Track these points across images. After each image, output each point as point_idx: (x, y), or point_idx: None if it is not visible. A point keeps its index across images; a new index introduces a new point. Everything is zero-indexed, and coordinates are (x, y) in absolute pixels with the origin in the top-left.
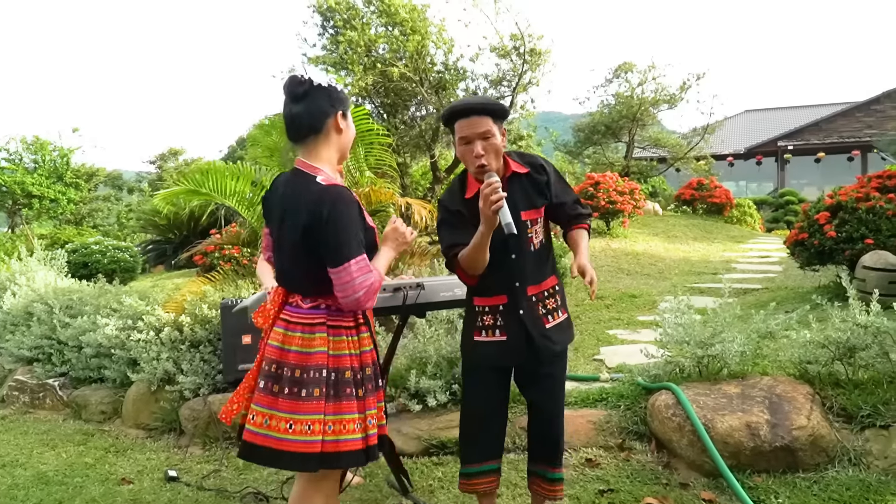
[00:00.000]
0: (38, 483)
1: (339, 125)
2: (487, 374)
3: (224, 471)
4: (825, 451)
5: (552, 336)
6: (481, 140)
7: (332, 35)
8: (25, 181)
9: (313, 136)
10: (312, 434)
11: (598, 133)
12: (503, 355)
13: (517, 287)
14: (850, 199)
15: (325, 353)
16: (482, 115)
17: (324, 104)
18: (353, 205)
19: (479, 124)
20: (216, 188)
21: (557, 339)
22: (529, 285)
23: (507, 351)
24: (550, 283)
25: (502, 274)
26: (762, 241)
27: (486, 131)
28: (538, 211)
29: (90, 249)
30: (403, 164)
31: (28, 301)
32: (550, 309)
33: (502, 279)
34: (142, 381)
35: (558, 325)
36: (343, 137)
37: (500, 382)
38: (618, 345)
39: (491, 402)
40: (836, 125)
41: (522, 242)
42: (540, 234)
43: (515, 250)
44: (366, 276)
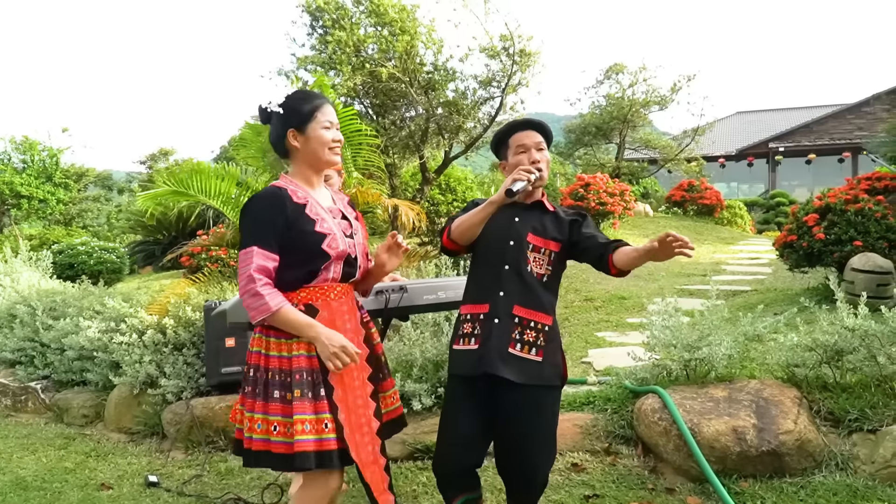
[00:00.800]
0: (16, 488)
1: (293, 143)
2: (461, 385)
3: (206, 476)
4: (812, 455)
5: (510, 362)
6: (537, 150)
7: (321, 35)
8: (14, 181)
9: (285, 155)
10: (248, 430)
11: (588, 134)
12: (472, 363)
13: (501, 297)
14: (838, 202)
15: (259, 352)
16: (538, 130)
17: (278, 128)
18: (268, 201)
19: (536, 136)
20: (202, 189)
21: (513, 370)
22: (517, 304)
23: (475, 359)
24: (540, 318)
25: (491, 283)
26: (752, 243)
27: (540, 142)
28: (546, 242)
29: (76, 250)
30: (392, 165)
31: (11, 303)
32: (526, 340)
33: (490, 286)
34: (124, 385)
35: (522, 359)
36: (303, 150)
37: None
38: (606, 347)
39: (463, 418)
40: (827, 127)
41: (519, 259)
42: (541, 266)
43: (510, 262)
44: (245, 268)
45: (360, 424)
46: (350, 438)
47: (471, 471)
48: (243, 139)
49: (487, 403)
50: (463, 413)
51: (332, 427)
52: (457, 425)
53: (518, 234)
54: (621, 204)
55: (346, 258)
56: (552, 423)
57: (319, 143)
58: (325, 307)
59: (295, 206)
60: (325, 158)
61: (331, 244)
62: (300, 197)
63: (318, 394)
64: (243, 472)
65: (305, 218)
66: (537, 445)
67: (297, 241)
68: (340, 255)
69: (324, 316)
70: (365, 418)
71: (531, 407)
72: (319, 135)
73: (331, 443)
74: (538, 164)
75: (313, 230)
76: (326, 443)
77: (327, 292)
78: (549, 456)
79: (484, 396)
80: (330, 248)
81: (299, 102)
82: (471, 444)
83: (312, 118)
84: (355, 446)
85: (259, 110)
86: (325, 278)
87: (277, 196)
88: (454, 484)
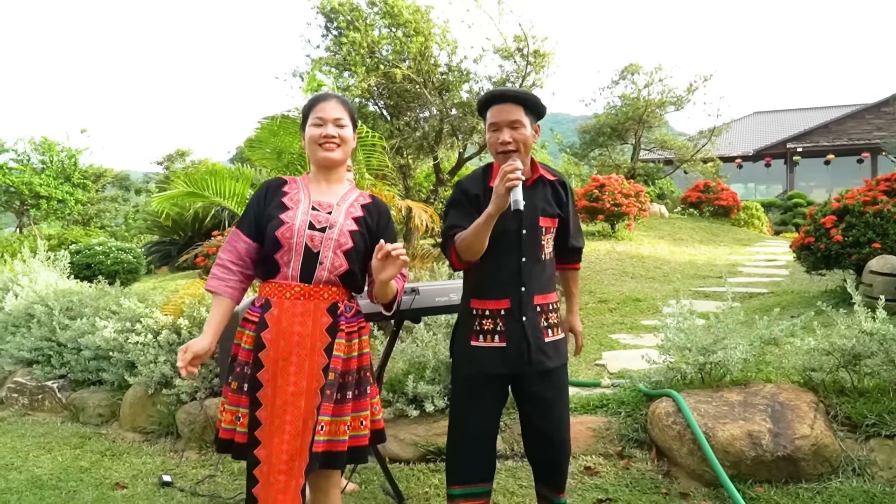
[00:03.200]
0: (32, 487)
1: (303, 143)
2: (483, 383)
3: (219, 476)
4: (828, 460)
5: (548, 351)
6: (509, 128)
7: (336, 36)
8: (33, 182)
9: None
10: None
11: (603, 135)
12: (502, 362)
13: (523, 292)
14: (857, 203)
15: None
16: (515, 103)
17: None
18: (261, 188)
19: (510, 112)
20: (217, 190)
21: (552, 355)
22: (536, 294)
23: (506, 358)
24: (554, 298)
25: (510, 277)
26: (769, 245)
27: (515, 120)
28: (553, 221)
29: (94, 251)
30: (406, 166)
31: (29, 302)
32: (552, 323)
33: (510, 282)
34: (139, 385)
35: (555, 342)
36: (307, 150)
37: (495, 394)
38: (620, 350)
39: (483, 414)
40: (846, 127)
41: (535, 247)
42: (550, 246)
43: (527, 253)
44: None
45: (283, 430)
46: (264, 437)
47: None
48: (258, 140)
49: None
50: (484, 410)
51: (244, 421)
52: (479, 411)
53: (530, 220)
54: (636, 205)
55: (304, 252)
56: (567, 395)
57: (310, 140)
58: (278, 305)
59: (279, 194)
60: (315, 156)
61: (284, 232)
62: (293, 187)
63: (242, 387)
64: None
65: (279, 204)
66: (561, 429)
67: (264, 228)
68: (294, 246)
69: (273, 313)
70: (291, 426)
71: (563, 382)
72: (310, 133)
73: (240, 435)
74: (508, 145)
75: (276, 216)
76: (237, 434)
77: (284, 290)
78: (569, 428)
79: (506, 391)
80: (282, 237)
81: (307, 105)
82: (492, 427)
83: (307, 119)
84: (269, 446)
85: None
86: (284, 274)
87: (265, 184)
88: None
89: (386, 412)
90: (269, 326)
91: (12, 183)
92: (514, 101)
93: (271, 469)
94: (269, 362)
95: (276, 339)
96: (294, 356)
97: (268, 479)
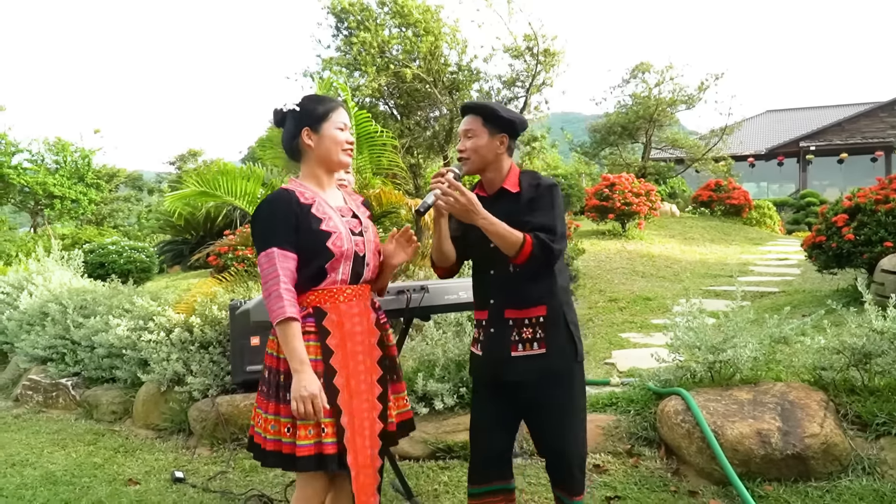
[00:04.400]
0: (46, 483)
1: (307, 142)
2: (479, 387)
3: (230, 472)
4: (838, 459)
5: (516, 364)
6: (465, 137)
7: (346, 36)
8: (47, 182)
9: (296, 156)
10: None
11: (614, 134)
12: (480, 369)
13: (492, 304)
14: (868, 202)
15: (272, 354)
16: (471, 114)
17: (290, 128)
18: (280, 203)
19: (467, 122)
20: (228, 190)
21: (522, 370)
22: (508, 308)
23: (481, 366)
24: (534, 313)
25: (482, 289)
26: (781, 244)
27: (468, 129)
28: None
29: (107, 250)
30: (416, 164)
31: (43, 301)
32: (525, 338)
33: (482, 294)
34: (152, 382)
35: (528, 357)
36: (317, 150)
37: (493, 398)
38: (630, 348)
39: (486, 413)
40: (860, 125)
41: (498, 260)
42: None
43: (495, 266)
44: (270, 269)
45: (363, 428)
46: (350, 442)
47: (501, 456)
48: (269, 140)
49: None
50: (485, 402)
51: (330, 431)
52: (481, 411)
53: None
54: (647, 204)
55: (353, 257)
56: (574, 403)
57: (333, 142)
58: (334, 310)
59: (301, 207)
60: (337, 158)
61: (335, 242)
62: (307, 197)
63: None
64: (267, 470)
65: (312, 217)
66: (563, 430)
67: (303, 241)
68: (346, 253)
69: (332, 319)
70: (368, 421)
71: (547, 396)
72: (333, 134)
73: (329, 447)
74: (462, 153)
75: (318, 228)
76: (325, 447)
77: (336, 295)
78: (575, 436)
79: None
80: (334, 246)
81: (314, 103)
82: (495, 427)
83: (327, 118)
84: (354, 450)
85: (274, 113)
86: (333, 280)
87: (285, 197)
88: (486, 472)
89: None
90: (332, 332)
91: (27, 183)
92: (472, 112)
93: (359, 472)
94: (341, 367)
95: (343, 342)
96: (360, 355)
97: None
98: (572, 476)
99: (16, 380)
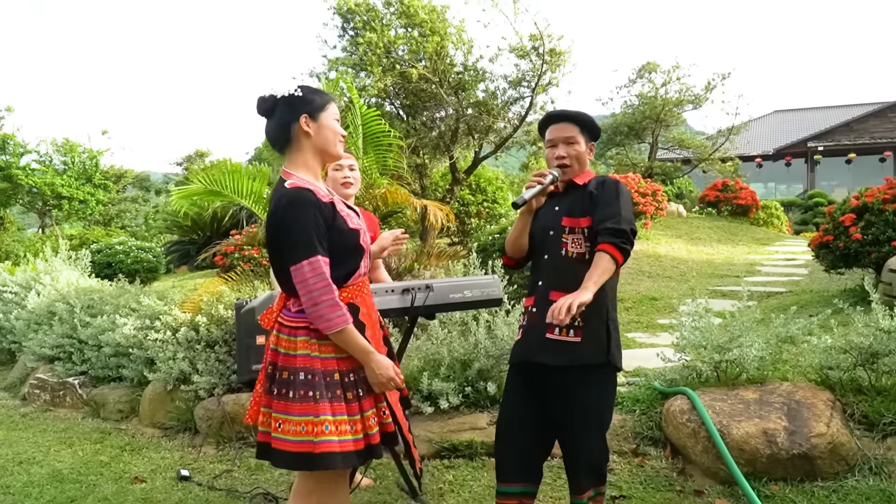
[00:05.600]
0: (53, 481)
1: (305, 129)
2: (511, 375)
3: (236, 471)
4: (845, 459)
5: (549, 347)
6: (565, 144)
7: (352, 37)
8: (55, 183)
9: (286, 146)
10: (302, 434)
11: (620, 134)
12: (518, 352)
13: (540, 286)
14: (876, 201)
15: (308, 355)
16: (568, 122)
17: (285, 114)
18: (310, 206)
19: (566, 129)
20: (235, 189)
21: (553, 353)
22: (553, 290)
23: (521, 347)
24: None
25: (535, 274)
26: (789, 244)
27: (570, 136)
28: (577, 220)
29: (114, 250)
30: (423, 165)
31: (51, 300)
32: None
33: (534, 279)
34: (158, 381)
35: (561, 342)
36: (315, 138)
37: (521, 385)
38: (636, 348)
39: (514, 405)
40: (868, 125)
41: (555, 246)
42: (579, 246)
43: (548, 251)
44: (318, 277)
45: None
46: (401, 420)
47: (527, 456)
48: None
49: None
50: (514, 396)
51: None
52: (510, 407)
53: (555, 222)
54: (653, 204)
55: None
56: (598, 404)
57: (333, 132)
58: (364, 304)
59: (326, 206)
60: (334, 149)
61: (364, 239)
62: (324, 195)
63: (358, 393)
64: (272, 468)
65: (339, 216)
66: (577, 427)
67: (337, 240)
68: (366, 249)
69: (364, 312)
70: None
71: (571, 389)
72: (332, 125)
73: (389, 426)
74: (563, 159)
75: (348, 227)
76: (372, 437)
77: (362, 288)
78: (592, 438)
79: (535, 383)
80: (364, 244)
81: (313, 93)
82: (522, 424)
83: (325, 108)
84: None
85: (260, 100)
86: (359, 275)
87: (311, 199)
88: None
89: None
90: (367, 325)
91: (35, 184)
92: (571, 121)
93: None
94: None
95: (374, 332)
96: (381, 340)
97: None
98: (581, 479)
99: (23, 379)
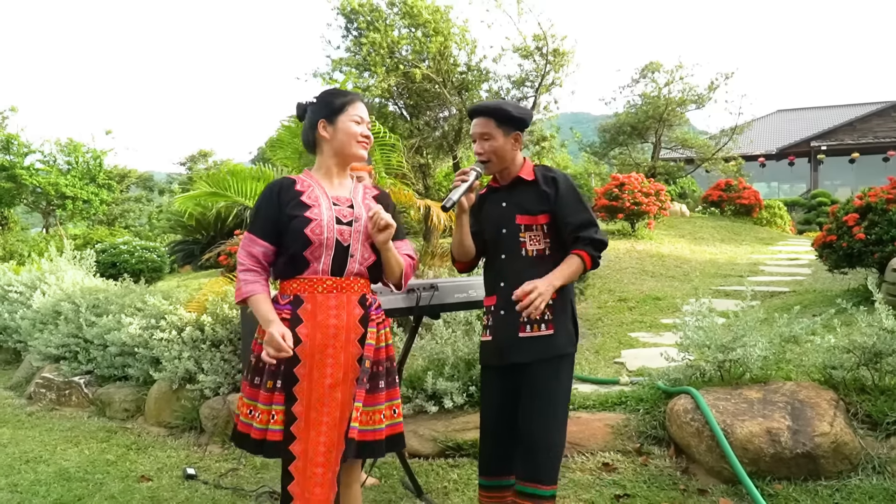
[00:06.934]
0: (60, 479)
1: (322, 133)
2: (485, 377)
3: (241, 469)
4: (848, 458)
5: (523, 346)
6: (481, 140)
7: (356, 37)
8: (59, 182)
9: (312, 149)
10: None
11: (623, 134)
12: (488, 355)
13: (502, 288)
14: (879, 201)
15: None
16: (484, 116)
17: (310, 119)
18: (269, 189)
19: (481, 125)
20: (238, 190)
21: (528, 351)
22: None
23: (490, 351)
24: None
25: (492, 274)
26: (792, 244)
27: (485, 132)
28: (534, 218)
29: (119, 249)
30: (426, 165)
31: (56, 300)
32: (534, 320)
33: (492, 279)
34: (164, 380)
35: (535, 338)
36: (333, 141)
37: (498, 386)
38: (639, 348)
39: (492, 405)
40: (871, 125)
41: (512, 245)
42: (538, 243)
43: (505, 251)
44: (242, 250)
45: (320, 423)
46: (300, 432)
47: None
48: (279, 141)
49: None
50: (490, 394)
51: (278, 419)
52: (487, 406)
53: (507, 219)
54: (656, 204)
55: (336, 246)
56: (562, 389)
57: (347, 134)
58: (310, 300)
59: (293, 193)
60: (351, 151)
61: (313, 229)
62: (305, 185)
63: (276, 384)
64: (278, 466)
65: (298, 203)
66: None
67: (285, 226)
68: (326, 242)
69: (307, 308)
70: (328, 417)
71: (544, 379)
72: (348, 126)
73: (276, 433)
74: (481, 155)
75: (300, 214)
76: (271, 433)
77: (315, 285)
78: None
79: (510, 381)
80: (312, 234)
81: (332, 96)
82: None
83: (343, 111)
84: (305, 441)
85: (297, 106)
86: (314, 270)
87: (275, 185)
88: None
89: (405, 408)
90: (304, 321)
91: (39, 184)
92: (484, 115)
93: (308, 463)
94: (306, 357)
95: (313, 332)
96: (330, 348)
97: (304, 473)
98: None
99: (29, 378)
